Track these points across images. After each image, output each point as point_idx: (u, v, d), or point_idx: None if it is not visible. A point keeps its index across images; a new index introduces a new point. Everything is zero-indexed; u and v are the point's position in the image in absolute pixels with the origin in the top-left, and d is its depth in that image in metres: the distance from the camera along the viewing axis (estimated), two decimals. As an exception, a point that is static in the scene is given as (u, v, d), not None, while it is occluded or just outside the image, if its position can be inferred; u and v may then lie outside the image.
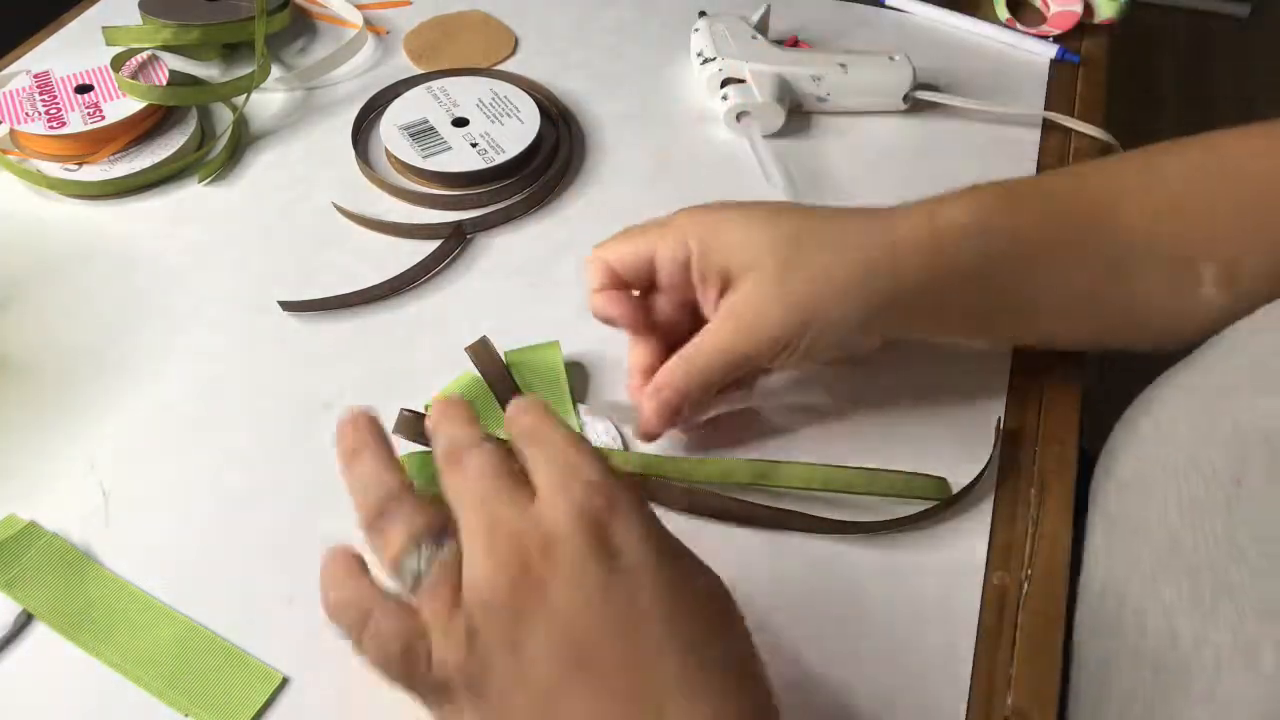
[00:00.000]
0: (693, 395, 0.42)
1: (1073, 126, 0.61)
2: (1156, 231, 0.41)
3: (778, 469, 0.43)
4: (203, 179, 0.60)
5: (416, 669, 0.30)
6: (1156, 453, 0.38)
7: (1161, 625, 0.34)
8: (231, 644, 0.39)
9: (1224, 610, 0.31)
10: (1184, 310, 0.41)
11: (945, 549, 0.42)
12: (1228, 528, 0.33)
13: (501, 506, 0.31)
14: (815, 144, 0.61)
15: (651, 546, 0.30)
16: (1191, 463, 0.36)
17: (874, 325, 0.42)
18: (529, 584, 0.29)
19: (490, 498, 0.31)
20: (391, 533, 0.32)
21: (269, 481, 0.45)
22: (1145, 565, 0.36)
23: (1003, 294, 0.42)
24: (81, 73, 0.62)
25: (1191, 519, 0.34)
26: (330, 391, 0.48)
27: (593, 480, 0.31)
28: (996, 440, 0.44)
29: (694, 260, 0.42)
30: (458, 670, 0.29)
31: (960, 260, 0.41)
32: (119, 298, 0.53)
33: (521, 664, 0.29)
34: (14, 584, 0.41)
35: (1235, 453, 0.34)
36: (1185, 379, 0.40)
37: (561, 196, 0.59)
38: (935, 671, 0.38)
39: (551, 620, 0.29)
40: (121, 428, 0.47)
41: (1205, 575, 0.33)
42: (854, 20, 0.71)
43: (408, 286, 0.54)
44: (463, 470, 0.32)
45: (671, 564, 0.31)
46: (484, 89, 0.63)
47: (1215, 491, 0.34)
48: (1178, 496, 0.35)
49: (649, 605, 0.29)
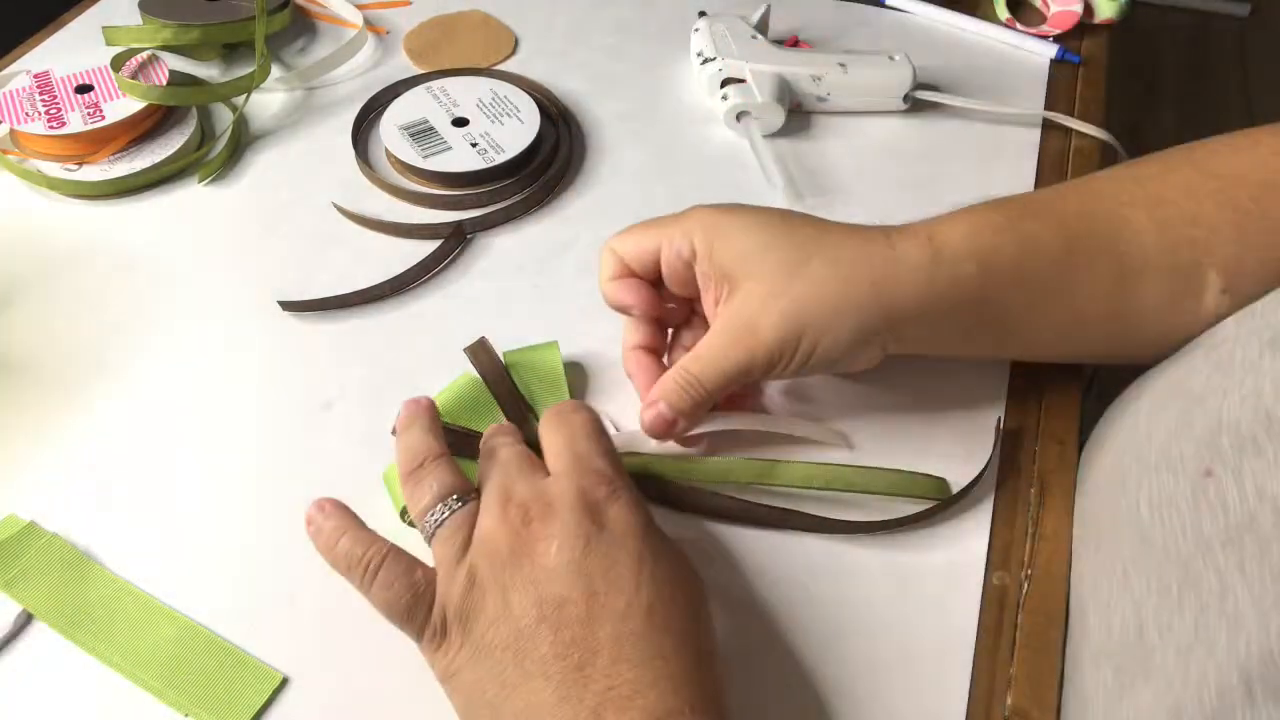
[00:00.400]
0: (686, 410, 0.42)
1: (1073, 126, 0.61)
2: (1165, 242, 0.41)
3: (778, 468, 0.43)
4: (203, 179, 0.60)
5: (419, 614, 0.35)
6: (1131, 450, 0.38)
7: (1130, 621, 0.34)
8: (231, 644, 0.39)
9: (1188, 601, 0.31)
10: (1184, 323, 0.41)
11: (945, 549, 0.42)
12: (1195, 519, 0.33)
13: (517, 480, 0.37)
14: (815, 144, 0.61)
15: (638, 535, 0.35)
16: (1163, 457, 0.36)
17: (870, 343, 0.41)
18: (525, 540, 0.35)
19: (510, 473, 0.37)
20: (424, 485, 0.37)
21: (269, 481, 0.45)
22: (1115, 563, 0.36)
23: (1001, 316, 0.42)
24: (81, 73, 0.62)
25: (1161, 513, 0.34)
26: (330, 391, 0.48)
27: (599, 469, 0.37)
28: (996, 440, 0.44)
29: (698, 260, 0.42)
30: (457, 606, 0.34)
31: (958, 283, 0.40)
32: (119, 298, 0.53)
33: (507, 605, 0.34)
34: (14, 584, 0.41)
35: (1207, 445, 0.34)
36: (1165, 378, 0.40)
37: (561, 196, 0.59)
38: (935, 671, 0.38)
39: (536, 573, 0.34)
40: (121, 428, 0.47)
41: (1172, 567, 0.33)
42: (854, 20, 0.71)
43: (408, 286, 0.54)
44: (495, 456, 0.39)
45: (653, 554, 0.35)
46: (484, 89, 0.63)
47: (1184, 484, 0.34)
48: (1148, 491, 0.36)
49: (623, 579, 0.34)
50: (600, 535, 0.34)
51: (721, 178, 0.60)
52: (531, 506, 0.35)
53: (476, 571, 0.35)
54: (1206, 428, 0.34)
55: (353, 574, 0.36)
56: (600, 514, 0.35)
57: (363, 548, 0.36)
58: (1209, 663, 0.29)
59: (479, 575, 0.35)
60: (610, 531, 0.35)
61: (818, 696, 0.38)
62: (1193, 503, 0.33)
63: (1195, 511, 0.33)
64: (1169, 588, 0.32)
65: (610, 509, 0.35)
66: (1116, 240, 0.41)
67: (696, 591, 0.36)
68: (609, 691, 0.32)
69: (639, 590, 0.34)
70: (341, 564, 0.37)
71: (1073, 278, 0.41)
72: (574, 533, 0.34)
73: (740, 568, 0.41)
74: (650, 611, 0.33)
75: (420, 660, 0.36)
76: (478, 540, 0.35)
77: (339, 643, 0.40)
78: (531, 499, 0.36)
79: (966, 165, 0.60)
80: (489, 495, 0.37)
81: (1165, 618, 0.32)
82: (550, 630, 0.33)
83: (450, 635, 0.34)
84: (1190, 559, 0.32)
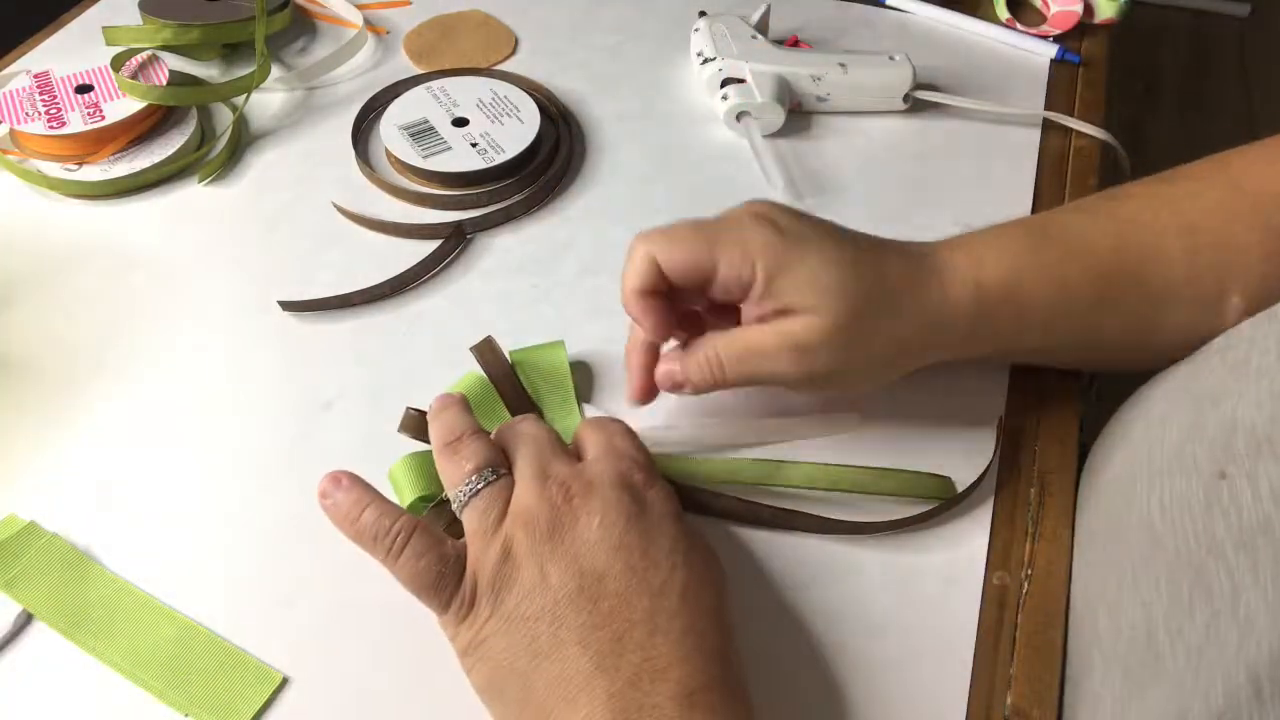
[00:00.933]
0: (698, 385, 0.42)
1: (1073, 126, 0.61)
2: (1193, 272, 0.41)
3: (783, 468, 0.43)
4: (203, 179, 0.60)
5: (448, 586, 0.35)
6: (1143, 451, 0.38)
7: (1139, 624, 0.34)
8: (231, 644, 0.39)
9: (1199, 604, 0.31)
10: (1201, 337, 0.41)
11: (945, 549, 0.42)
12: (1207, 522, 0.33)
13: (553, 460, 0.38)
14: (815, 144, 0.61)
15: (674, 518, 0.37)
16: (1176, 459, 0.36)
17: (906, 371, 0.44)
18: (567, 515, 0.35)
19: (545, 452, 0.38)
20: (460, 456, 0.38)
21: (269, 481, 0.45)
22: (1125, 564, 0.36)
23: (1035, 343, 0.44)
24: (81, 73, 0.62)
25: (1173, 515, 0.34)
26: (330, 391, 0.48)
27: (636, 459, 0.38)
28: (997, 440, 0.44)
29: (756, 286, 0.40)
30: (490, 577, 0.35)
31: (995, 331, 0.42)
32: (119, 298, 0.53)
33: (545, 576, 0.34)
34: (14, 584, 0.41)
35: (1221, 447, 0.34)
36: (1177, 380, 0.40)
37: (561, 196, 0.59)
38: (935, 671, 0.38)
39: (576, 547, 0.35)
40: (121, 427, 0.47)
41: (1183, 570, 0.33)
42: (854, 20, 0.71)
43: (408, 286, 0.54)
44: (516, 431, 0.39)
45: (686, 537, 0.36)
46: (484, 89, 0.63)
47: (1196, 486, 0.34)
48: (1160, 493, 0.36)
49: (661, 557, 0.35)
50: (641, 515, 0.36)
51: (721, 178, 0.60)
52: (572, 484, 0.36)
53: (513, 543, 0.35)
54: (1220, 430, 0.34)
55: (378, 546, 0.36)
56: (639, 495, 0.37)
57: (390, 519, 0.36)
58: (1219, 665, 0.29)
59: (515, 547, 0.35)
60: (649, 512, 0.36)
61: (818, 696, 0.38)
62: (1205, 505, 0.33)
63: (1208, 514, 0.33)
64: (1180, 590, 0.32)
65: (648, 493, 0.37)
66: (1146, 275, 0.42)
67: (721, 577, 0.38)
68: (645, 663, 0.33)
69: (675, 569, 0.35)
70: (366, 536, 0.36)
71: (1100, 320, 0.42)
72: (616, 509, 0.35)
73: (741, 568, 0.41)
74: (685, 590, 0.35)
75: (420, 660, 0.36)
76: (514, 513, 0.36)
77: (339, 643, 0.40)
78: (571, 477, 0.37)
79: (966, 165, 0.60)
80: (525, 470, 0.37)
81: (1176, 621, 0.32)
82: (589, 601, 0.34)
83: (479, 606, 0.35)
84: (1202, 562, 0.32)
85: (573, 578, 0.34)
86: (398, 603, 0.37)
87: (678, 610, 0.34)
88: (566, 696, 0.33)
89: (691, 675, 0.33)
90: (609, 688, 0.32)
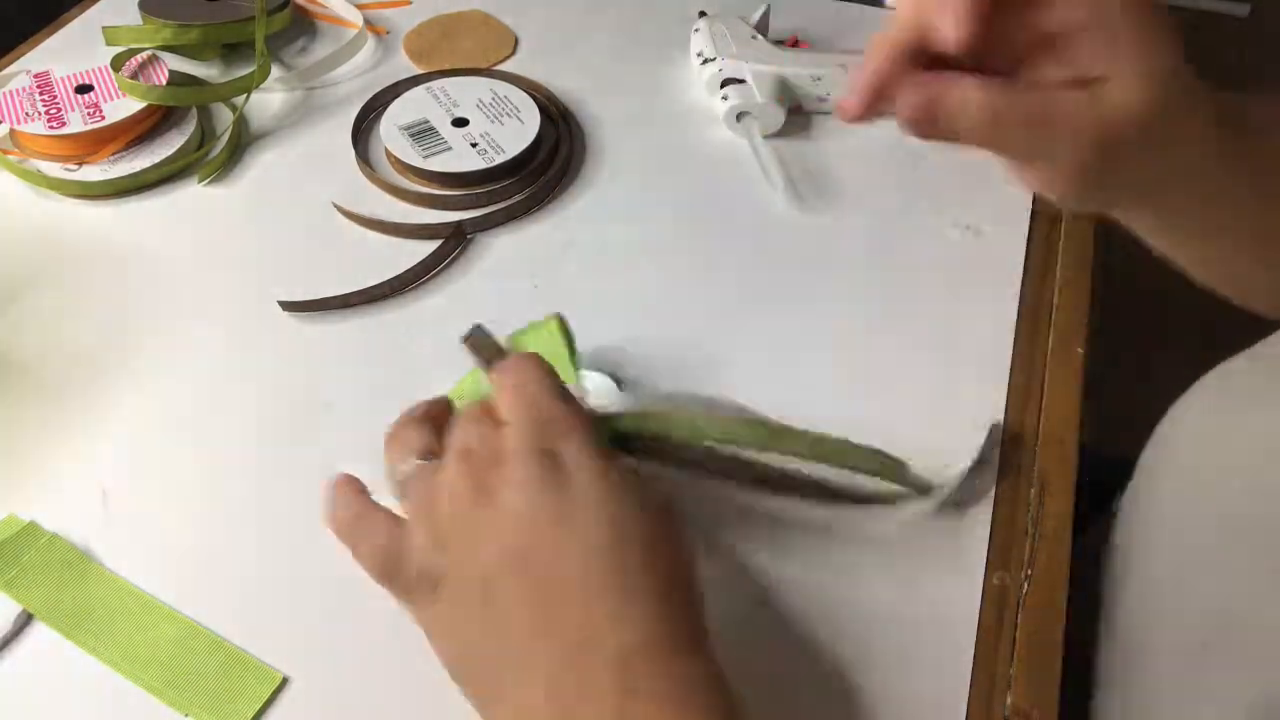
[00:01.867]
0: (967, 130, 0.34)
1: (1073, 126, 0.61)
2: None
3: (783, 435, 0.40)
4: (203, 179, 0.60)
5: (403, 571, 0.35)
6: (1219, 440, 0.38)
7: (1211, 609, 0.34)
8: (231, 644, 0.39)
9: None
10: None
11: (945, 549, 0.42)
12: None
13: (475, 435, 0.37)
14: (815, 144, 0.61)
15: (596, 472, 0.35)
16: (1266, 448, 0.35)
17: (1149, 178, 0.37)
18: (485, 490, 0.35)
19: (470, 429, 0.37)
20: (396, 443, 0.38)
21: (269, 481, 0.45)
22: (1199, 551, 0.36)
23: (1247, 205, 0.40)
24: (81, 73, 0.62)
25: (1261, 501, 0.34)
26: (330, 391, 0.48)
27: (549, 411, 0.36)
28: (997, 441, 0.44)
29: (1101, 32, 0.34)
30: (428, 561, 0.35)
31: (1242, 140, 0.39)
32: (119, 298, 0.53)
33: (474, 554, 0.34)
34: (14, 584, 0.41)
35: None
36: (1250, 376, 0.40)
37: (561, 196, 0.59)
38: (935, 671, 0.38)
39: (499, 521, 0.34)
40: (121, 427, 0.47)
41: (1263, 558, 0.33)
42: (854, 20, 0.71)
43: (408, 286, 0.54)
44: (460, 420, 0.38)
45: (612, 492, 0.35)
46: (484, 89, 0.63)
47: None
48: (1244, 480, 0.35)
49: (583, 519, 0.34)
50: (554, 478, 0.34)
51: (721, 178, 0.60)
52: (488, 457, 0.36)
53: (440, 525, 0.35)
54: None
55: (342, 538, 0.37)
56: (556, 456, 0.35)
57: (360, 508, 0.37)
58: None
59: (445, 531, 0.35)
60: (565, 472, 0.35)
61: (818, 696, 0.38)
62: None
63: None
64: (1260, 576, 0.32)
65: (566, 450, 0.35)
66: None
67: (668, 528, 0.36)
68: (581, 629, 0.32)
69: (599, 528, 0.34)
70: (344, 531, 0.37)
71: None
72: (527, 478, 0.34)
73: (739, 567, 0.41)
74: (613, 550, 0.33)
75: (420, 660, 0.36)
76: (444, 497, 0.36)
77: (339, 643, 0.40)
78: (486, 450, 0.36)
79: (966, 165, 0.59)
80: (449, 452, 0.37)
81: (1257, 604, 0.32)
82: (514, 575, 0.33)
83: (424, 590, 0.35)
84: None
85: (497, 553, 0.34)
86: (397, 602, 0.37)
87: (608, 570, 0.33)
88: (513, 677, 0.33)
89: (630, 635, 0.32)
90: (547, 666, 0.32)
